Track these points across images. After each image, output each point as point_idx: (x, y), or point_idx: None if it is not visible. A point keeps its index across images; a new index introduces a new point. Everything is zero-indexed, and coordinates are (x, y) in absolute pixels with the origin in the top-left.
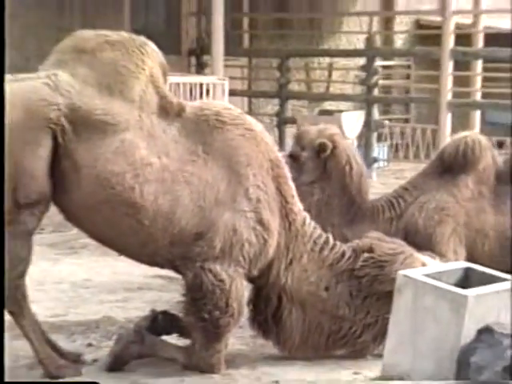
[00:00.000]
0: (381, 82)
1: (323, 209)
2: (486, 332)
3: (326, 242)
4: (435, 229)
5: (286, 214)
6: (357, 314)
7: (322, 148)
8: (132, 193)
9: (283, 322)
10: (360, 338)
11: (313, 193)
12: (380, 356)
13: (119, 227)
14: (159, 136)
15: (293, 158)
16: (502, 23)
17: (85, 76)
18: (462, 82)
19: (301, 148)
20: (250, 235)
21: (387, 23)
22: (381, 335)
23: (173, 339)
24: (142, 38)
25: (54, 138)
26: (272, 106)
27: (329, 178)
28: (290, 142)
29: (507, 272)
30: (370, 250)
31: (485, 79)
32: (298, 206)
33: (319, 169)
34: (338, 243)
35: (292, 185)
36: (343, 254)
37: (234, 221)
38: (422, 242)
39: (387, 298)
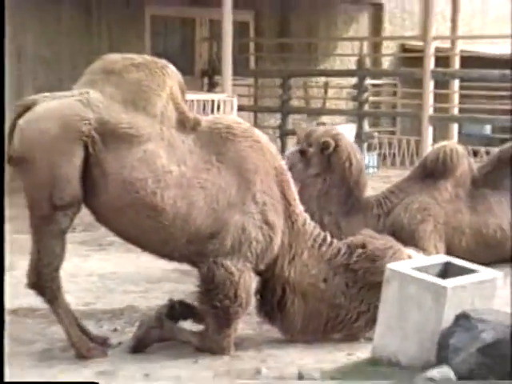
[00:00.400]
0: (370, 98)
1: (323, 198)
2: (462, 317)
3: (324, 239)
4: (418, 226)
5: (289, 215)
6: (352, 302)
7: (326, 145)
8: (154, 197)
9: (286, 310)
10: (355, 323)
11: (316, 183)
12: (371, 339)
13: (142, 227)
14: (178, 146)
15: (301, 153)
16: (476, 47)
17: (112, 94)
18: (441, 98)
19: (308, 145)
20: (258, 234)
21: (376, 47)
22: (372, 321)
23: (188, 325)
24: (163, 61)
25: (86, 149)
26: (275, 119)
27: (331, 172)
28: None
29: (482, 265)
30: (363, 245)
31: (461, 96)
32: (299, 207)
33: (323, 163)
34: (335, 240)
35: (294, 189)
36: (339, 250)
37: (243, 221)
38: (407, 238)
39: (378, 288)
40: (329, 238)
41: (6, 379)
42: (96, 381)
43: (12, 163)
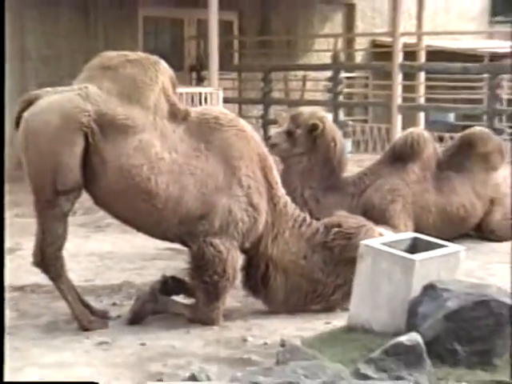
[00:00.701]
0: (345, 90)
1: (307, 174)
2: (429, 288)
3: (304, 220)
4: (388, 206)
5: (271, 198)
6: (329, 277)
7: (314, 127)
8: (148, 182)
9: (270, 285)
10: (332, 296)
11: (301, 161)
12: (347, 309)
13: (137, 210)
14: (169, 136)
15: (288, 134)
16: (440, 42)
17: (109, 88)
18: (408, 89)
19: (296, 126)
20: (243, 215)
21: (349, 43)
22: (348, 294)
23: (180, 299)
24: (155, 57)
25: (86, 138)
26: (257, 110)
27: (316, 151)
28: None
29: (447, 240)
30: (339, 225)
31: (427, 87)
32: (281, 191)
33: (309, 143)
34: (314, 221)
35: (276, 174)
36: (317, 230)
37: (229, 204)
38: (378, 216)
39: (353, 263)
40: (308, 219)
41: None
42: (96, 350)
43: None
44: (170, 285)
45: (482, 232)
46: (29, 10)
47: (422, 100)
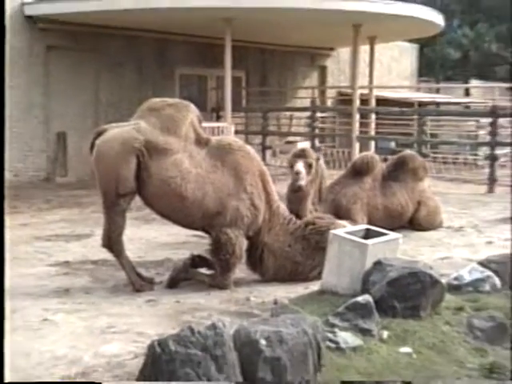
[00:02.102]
0: (319, 125)
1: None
2: (378, 263)
3: (291, 219)
4: (351, 206)
5: (268, 201)
6: (307, 260)
7: (318, 159)
8: (180, 188)
9: (264, 263)
10: (310, 273)
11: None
12: (320, 278)
13: (173, 208)
14: (195, 156)
15: (310, 166)
16: (385, 93)
17: (154, 123)
18: (363, 125)
19: (308, 159)
20: (247, 213)
21: (322, 93)
22: (321, 271)
23: (203, 270)
24: (186, 102)
25: (138, 158)
26: (258, 139)
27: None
28: (269, 159)
29: (389, 230)
30: (314, 223)
31: (376, 124)
32: (275, 196)
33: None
34: (298, 220)
35: (272, 184)
36: (299, 226)
37: (237, 204)
38: (345, 214)
39: (324, 250)
40: (294, 219)
41: (7, 379)
42: (145, 305)
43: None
44: (196, 261)
45: (413, 224)
46: (103, 71)
47: (372, 132)
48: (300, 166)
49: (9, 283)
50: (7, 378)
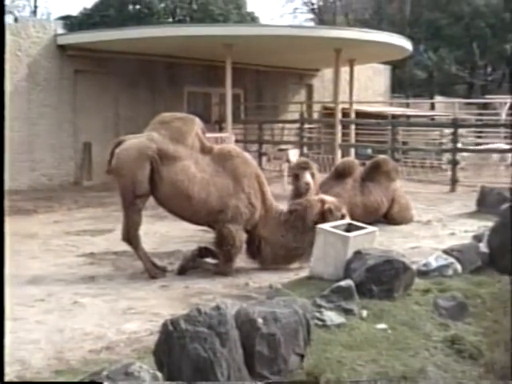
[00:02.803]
0: (307, 135)
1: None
2: (358, 253)
3: (281, 213)
4: None
5: (263, 200)
6: (299, 243)
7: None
8: (188, 190)
9: (262, 251)
10: (302, 255)
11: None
12: (308, 266)
13: (182, 207)
14: (200, 162)
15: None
16: (363, 107)
17: (165, 134)
18: (345, 135)
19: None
20: (245, 210)
21: (309, 107)
22: (310, 252)
23: (209, 260)
24: (192, 116)
25: (151, 164)
26: (255, 147)
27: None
28: (264, 164)
29: (367, 224)
30: (295, 210)
31: (355, 134)
32: (269, 195)
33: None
34: (287, 212)
35: (267, 185)
36: (289, 217)
37: (237, 203)
38: None
39: (312, 232)
40: (284, 211)
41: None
42: (159, 290)
43: (111, 174)
44: (202, 251)
45: (387, 219)
46: (122, 91)
47: (352, 141)
48: (308, 177)
49: (45, 271)
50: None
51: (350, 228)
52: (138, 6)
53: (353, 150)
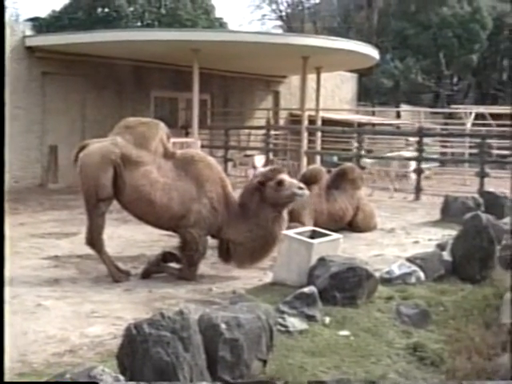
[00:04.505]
0: (273, 141)
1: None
2: (321, 260)
3: (244, 211)
4: (301, 211)
5: (226, 203)
6: (271, 230)
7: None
8: (150, 195)
9: (232, 254)
10: (278, 239)
11: None
12: (272, 272)
13: (144, 211)
14: (163, 167)
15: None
16: (329, 115)
17: (129, 139)
18: (311, 142)
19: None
20: (208, 214)
21: (275, 114)
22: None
23: (173, 264)
24: (157, 121)
25: (114, 169)
26: (221, 152)
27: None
28: (230, 170)
29: (332, 231)
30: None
31: (321, 141)
32: (233, 199)
33: None
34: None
35: (231, 188)
36: (243, 199)
37: (200, 208)
38: (296, 216)
39: (269, 206)
40: (250, 213)
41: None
42: (123, 293)
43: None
44: (166, 256)
45: (352, 226)
46: (89, 93)
47: (318, 148)
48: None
49: (10, 273)
50: (6, 361)
51: (314, 235)
52: (106, 10)
53: (319, 157)
